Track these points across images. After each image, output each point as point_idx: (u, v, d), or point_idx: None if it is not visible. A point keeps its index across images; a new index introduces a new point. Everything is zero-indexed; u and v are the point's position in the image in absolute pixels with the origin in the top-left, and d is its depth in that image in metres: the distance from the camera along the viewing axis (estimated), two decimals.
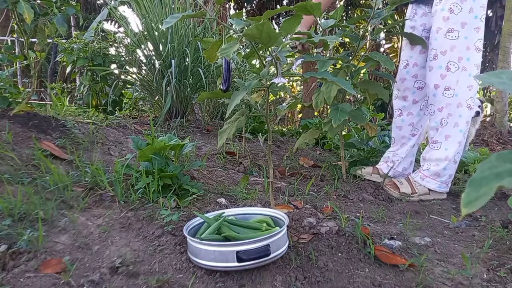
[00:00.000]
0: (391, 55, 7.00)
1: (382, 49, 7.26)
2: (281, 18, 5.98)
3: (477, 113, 3.15)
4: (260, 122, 3.01)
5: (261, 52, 1.23)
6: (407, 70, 1.95)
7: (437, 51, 1.72)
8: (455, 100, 1.71)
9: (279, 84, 1.19)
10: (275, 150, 2.67)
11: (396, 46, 7.08)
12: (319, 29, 1.86)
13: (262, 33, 1.02)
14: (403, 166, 2.05)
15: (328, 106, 1.88)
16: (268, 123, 1.33)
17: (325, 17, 1.97)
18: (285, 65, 1.20)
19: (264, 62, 1.27)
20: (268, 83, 1.24)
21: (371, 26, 1.77)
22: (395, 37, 6.62)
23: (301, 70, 5.77)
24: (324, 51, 1.92)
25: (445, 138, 1.76)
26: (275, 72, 1.20)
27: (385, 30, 1.89)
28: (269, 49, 1.13)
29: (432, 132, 1.81)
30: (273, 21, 6.02)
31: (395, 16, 5.82)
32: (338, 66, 1.98)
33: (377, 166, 2.10)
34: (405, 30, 1.94)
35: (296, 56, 1.88)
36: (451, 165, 1.77)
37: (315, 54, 1.86)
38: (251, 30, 1.00)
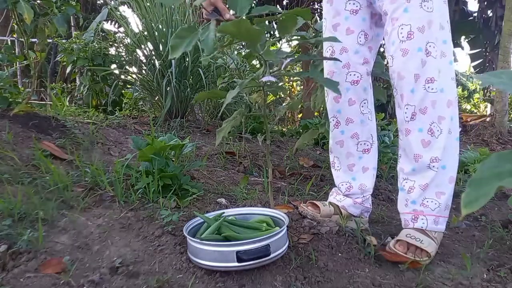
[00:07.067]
0: None
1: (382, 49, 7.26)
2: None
3: None
4: (260, 122, 3.01)
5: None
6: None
7: (412, 27, 1.15)
8: (442, 97, 1.16)
9: (267, 83, 1.19)
10: (275, 150, 2.67)
11: None
12: (312, 30, 1.86)
13: (241, 30, 1.00)
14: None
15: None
16: (266, 123, 1.33)
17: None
18: (275, 65, 1.20)
19: (262, 61, 1.27)
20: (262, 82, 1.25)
21: None
22: None
23: (301, 70, 5.76)
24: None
25: (444, 152, 1.17)
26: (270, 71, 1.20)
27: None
28: (256, 47, 1.13)
29: (418, 147, 1.18)
30: (273, 21, 6.02)
31: None
32: None
33: (334, 201, 1.40)
34: None
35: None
36: (453, 186, 1.22)
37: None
38: (228, 27, 0.99)
